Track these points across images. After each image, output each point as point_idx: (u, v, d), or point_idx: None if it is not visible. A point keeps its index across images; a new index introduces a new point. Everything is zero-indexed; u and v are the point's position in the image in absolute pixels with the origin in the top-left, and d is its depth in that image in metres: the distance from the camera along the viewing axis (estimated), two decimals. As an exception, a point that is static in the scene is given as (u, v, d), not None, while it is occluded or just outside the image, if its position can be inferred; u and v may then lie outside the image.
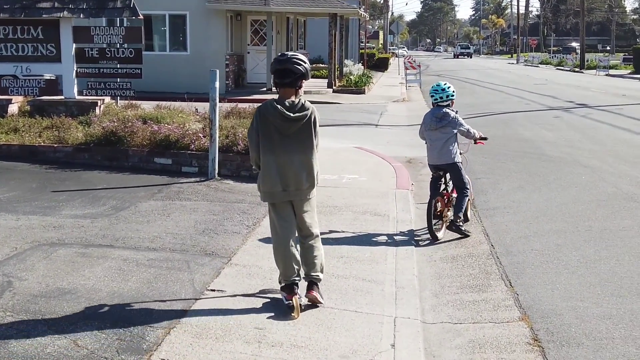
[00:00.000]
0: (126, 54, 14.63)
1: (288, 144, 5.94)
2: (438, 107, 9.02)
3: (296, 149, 5.96)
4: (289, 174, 5.98)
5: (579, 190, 11.41)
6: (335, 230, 8.79)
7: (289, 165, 5.96)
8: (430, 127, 8.96)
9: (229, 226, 8.57)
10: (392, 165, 13.46)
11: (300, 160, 5.99)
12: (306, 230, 6.22)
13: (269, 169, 5.98)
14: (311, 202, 6.21)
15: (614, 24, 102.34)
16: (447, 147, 8.86)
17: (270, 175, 5.98)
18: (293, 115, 5.89)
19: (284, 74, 5.91)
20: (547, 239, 8.72)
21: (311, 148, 6.01)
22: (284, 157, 5.95)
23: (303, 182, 6.02)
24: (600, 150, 15.45)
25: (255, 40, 31.69)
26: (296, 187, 6.02)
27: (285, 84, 5.95)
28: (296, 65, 5.89)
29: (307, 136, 5.99)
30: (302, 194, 6.07)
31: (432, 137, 8.99)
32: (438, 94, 9.03)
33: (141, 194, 10.11)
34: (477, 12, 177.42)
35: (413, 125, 20.47)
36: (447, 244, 8.75)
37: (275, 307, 6.11)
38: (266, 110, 5.95)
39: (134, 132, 12.04)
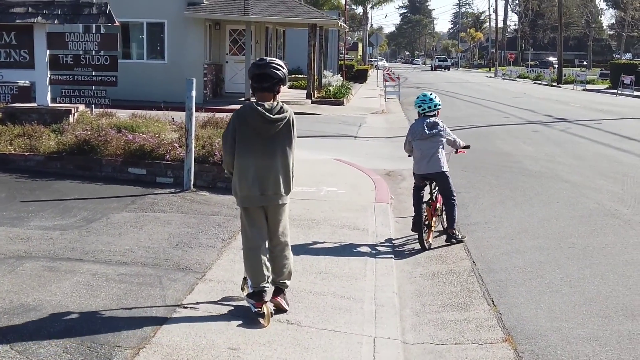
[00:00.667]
0: (101, 61, 14.35)
1: (267, 147, 5.91)
2: (425, 117, 9.09)
3: (276, 152, 5.94)
4: (269, 178, 5.94)
5: (560, 206, 11.26)
6: (314, 244, 8.56)
7: (268, 169, 5.92)
8: (422, 137, 8.96)
9: (204, 240, 8.31)
10: (371, 177, 13.26)
11: (280, 164, 5.96)
12: (277, 238, 6.18)
13: (246, 172, 5.92)
14: (285, 209, 6.16)
15: (591, 40, 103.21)
16: (437, 156, 8.93)
17: (248, 179, 5.92)
18: (273, 117, 5.87)
19: (263, 78, 5.90)
20: (530, 256, 8.53)
21: (290, 151, 6.02)
22: (263, 161, 5.91)
23: (281, 186, 5.98)
24: (581, 165, 15.35)
25: (234, 50, 31.46)
26: (274, 191, 5.97)
27: (263, 88, 5.93)
28: (274, 70, 5.89)
29: (287, 139, 5.99)
30: (280, 199, 6.02)
31: (422, 146, 8.99)
32: (426, 104, 9.11)
33: (114, 205, 9.82)
34: (455, 25, 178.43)
35: (392, 138, 20.37)
36: (428, 259, 8.55)
37: (250, 325, 5.86)
38: (245, 112, 5.92)
39: (108, 141, 11.75)
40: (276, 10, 29.73)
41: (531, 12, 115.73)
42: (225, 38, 31.26)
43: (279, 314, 6.12)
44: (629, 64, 55.96)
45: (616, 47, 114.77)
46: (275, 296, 6.18)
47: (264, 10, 29.34)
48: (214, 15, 28.43)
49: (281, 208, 6.10)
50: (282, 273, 6.20)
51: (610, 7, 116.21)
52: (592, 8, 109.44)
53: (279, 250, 6.19)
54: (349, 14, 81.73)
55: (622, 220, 10.31)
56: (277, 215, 6.10)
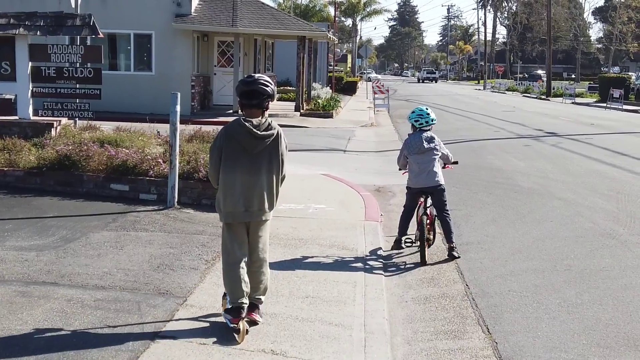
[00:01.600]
0: (85, 74, 13.98)
1: (254, 164, 5.89)
2: (421, 131, 9.17)
3: (262, 169, 5.92)
4: (253, 194, 5.92)
5: (554, 225, 10.98)
6: (301, 266, 8.24)
7: (253, 185, 5.90)
8: (419, 151, 9.03)
9: (187, 261, 7.98)
10: (361, 194, 12.96)
11: (265, 181, 5.95)
12: (257, 254, 6.15)
13: (231, 188, 5.91)
14: (267, 226, 6.16)
15: (579, 53, 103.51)
16: (434, 169, 9.02)
17: (233, 195, 5.91)
18: (260, 133, 5.86)
19: (252, 95, 5.91)
20: (525, 279, 8.23)
21: (277, 169, 6.01)
22: (248, 177, 5.89)
23: (265, 202, 5.97)
24: (573, 181, 15.09)
25: (222, 62, 31.16)
26: (259, 207, 5.96)
27: (252, 105, 5.94)
28: (263, 86, 5.90)
29: (274, 156, 5.97)
30: (263, 215, 6.01)
31: (420, 160, 9.05)
32: (423, 118, 9.21)
33: (94, 223, 9.47)
34: (444, 38, 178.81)
35: (382, 152, 20.11)
36: (419, 282, 8.25)
37: (227, 343, 5.53)
38: (233, 129, 5.91)
39: (90, 156, 11.41)
40: (265, 22, 29.49)
41: (520, 25, 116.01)
42: (214, 50, 30.97)
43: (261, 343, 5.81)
44: (617, 77, 56.00)
45: (604, 60, 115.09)
46: (249, 312, 6.13)
47: (253, 22, 29.10)
48: (202, 26, 28.18)
49: (264, 224, 6.10)
50: (257, 289, 6.21)
51: (599, 20, 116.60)
52: (581, 22, 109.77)
53: (257, 267, 6.16)
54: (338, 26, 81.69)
55: (618, 241, 10.03)
56: (259, 232, 6.10)
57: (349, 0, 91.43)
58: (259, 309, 6.28)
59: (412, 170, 9.15)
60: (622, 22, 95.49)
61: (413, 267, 8.79)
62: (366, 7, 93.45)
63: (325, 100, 34.10)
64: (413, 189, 9.20)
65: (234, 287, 5.98)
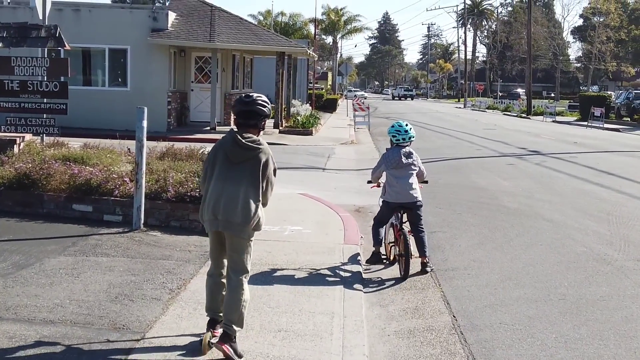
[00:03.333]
0: (50, 88, 13.31)
1: (231, 173, 5.80)
2: (399, 147, 9.12)
3: (237, 180, 5.78)
4: (225, 203, 5.76)
5: (544, 249, 10.36)
6: (275, 294, 7.57)
7: (227, 194, 5.77)
8: (398, 165, 8.99)
9: (149, 290, 7.29)
10: (340, 215, 12.33)
11: (238, 192, 5.77)
12: (229, 271, 5.92)
13: (205, 194, 5.92)
14: (241, 244, 5.86)
15: (559, 72, 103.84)
16: (413, 185, 9.00)
17: (204, 200, 5.91)
18: (244, 142, 5.79)
19: (250, 115, 5.89)
20: (517, 309, 7.60)
21: (254, 185, 5.81)
22: (221, 185, 5.80)
23: (236, 215, 5.74)
24: (561, 202, 14.51)
25: (199, 78, 30.51)
26: (225, 217, 5.76)
27: (249, 125, 5.91)
28: (261, 107, 5.89)
29: (254, 171, 5.82)
30: (233, 229, 5.78)
31: (398, 175, 9.01)
32: (401, 134, 9.13)
33: (51, 247, 8.76)
34: (424, 56, 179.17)
35: (362, 170, 19.49)
36: (402, 312, 7.60)
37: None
38: (222, 139, 5.96)
39: (51, 174, 10.68)
40: (243, 37, 28.89)
41: (499, 44, 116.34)
42: (191, 65, 30.32)
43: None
44: (598, 96, 55.88)
45: (583, 79, 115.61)
46: (221, 342, 5.67)
47: (231, 37, 28.50)
48: (178, 41, 27.55)
49: (235, 240, 5.83)
50: (228, 313, 5.79)
51: (577, 40, 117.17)
52: (560, 41, 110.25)
53: (231, 286, 5.84)
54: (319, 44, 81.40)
55: (614, 267, 9.42)
56: (231, 247, 5.86)
57: (329, 18, 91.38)
58: (233, 342, 5.71)
59: (390, 185, 9.08)
60: (601, 42, 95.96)
61: (395, 295, 8.15)
62: (347, 24, 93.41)
63: (305, 117, 33.52)
64: (392, 204, 9.11)
65: (208, 298, 6.03)
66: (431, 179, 16.65)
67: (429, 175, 9.65)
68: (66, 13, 26.60)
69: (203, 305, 6.83)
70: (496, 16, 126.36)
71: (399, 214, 9.19)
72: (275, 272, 8.47)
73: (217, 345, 5.65)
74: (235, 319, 5.77)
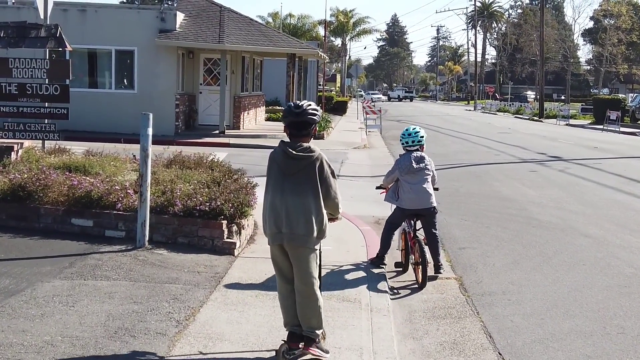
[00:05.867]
0: (51, 91, 12.49)
1: (288, 184, 5.77)
2: (410, 152, 9.01)
3: (295, 191, 5.75)
4: (284, 216, 5.73)
5: (589, 270, 9.44)
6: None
7: (285, 207, 5.74)
8: (410, 170, 8.85)
9: (153, 322, 6.42)
10: (360, 228, 11.48)
11: (298, 203, 5.73)
12: (298, 284, 5.84)
13: (265, 208, 5.87)
14: (308, 255, 5.80)
15: (569, 74, 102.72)
16: (428, 190, 8.85)
17: (265, 215, 5.86)
18: (294, 153, 5.76)
19: (302, 126, 5.87)
20: (571, 346, 6.68)
21: (313, 193, 5.77)
22: (280, 197, 5.77)
23: (299, 226, 5.71)
24: (595, 214, 13.57)
25: (208, 80, 29.65)
26: (290, 229, 5.72)
27: (302, 135, 5.88)
28: (312, 116, 5.87)
29: (310, 179, 5.78)
30: (298, 240, 5.74)
31: (411, 181, 8.86)
32: (405, 138, 9.07)
33: (46, 268, 7.90)
34: (433, 58, 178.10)
35: (378, 177, 18.55)
36: (440, 347, 6.71)
37: None
38: (274, 152, 5.95)
39: (48, 185, 9.81)
40: (253, 38, 28.03)
41: (509, 46, 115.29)
42: (199, 67, 29.48)
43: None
44: (613, 99, 54.86)
45: (593, 82, 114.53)
46: (307, 347, 5.82)
47: (241, 38, 27.65)
48: (187, 43, 26.72)
49: (299, 251, 5.78)
50: (306, 321, 5.85)
51: (588, 42, 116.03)
52: (570, 43, 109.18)
53: (301, 297, 5.83)
54: (327, 46, 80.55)
55: (671, 292, 8.51)
56: (297, 259, 5.80)
57: (338, 20, 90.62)
58: (318, 343, 5.90)
59: (405, 192, 8.94)
60: (612, 44, 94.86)
61: (428, 325, 7.26)
62: (356, 26, 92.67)
63: (316, 120, 32.60)
64: (407, 211, 8.98)
65: (283, 313, 6.02)
66: (451, 187, 15.86)
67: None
68: (72, 13, 25.85)
69: (214, 340, 6.02)
70: (506, 18, 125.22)
71: (412, 222, 9.00)
72: (294, 297, 7.60)
73: (304, 352, 5.80)
74: (314, 324, 5.86)
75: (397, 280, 9.06)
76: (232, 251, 9.21)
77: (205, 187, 10.09)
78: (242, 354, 5.93)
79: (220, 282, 7.92)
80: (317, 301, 5.84)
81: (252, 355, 5.93)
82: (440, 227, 9.51)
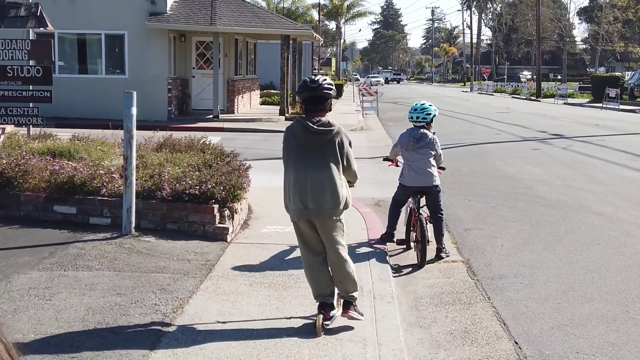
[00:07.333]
0: (32, 73, 11.89)
1: (310, 159, 5.84)
2: (415, 128, 8.77)
3: (318, 165, 5.83)
4: (310, 191, 5.80)
5: (604, 249, 8.89)
6: (290, 315, 6.16)
7: (310, 182, 5.80)
8: (407, 148, 8.69)
9: (137, 316, 5.87)
10: (360, 211, 10.93)
11: (322, 177, 5.81)
12: (331, 254, 5.99)
13: (288, 185, 5.91)
14: (336, 225, 5.95)
15: (565, 54, 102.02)
16: (427, 169, 8.61)
17: (290, 191, 5.88)
18: (316, 128, 5.83)
19: (318, 100, 5.93)
20: (593, 332, 6.14)
21: (336, 166, 5.87)
22: (303, 173, 5.82)
23: (325, 200, 5.80)
24: (605, 191, 13.00)
25: (201, 64, 28.97)
26: (317, 204, 5.81)
27: (318, 110, 5.95)
28: (328, 90, 5.93)
29: (332, 154, 5.87)
30: (324, 213, 5.84)
31: (410, 158, 8.71)
32: (410, 112, 8.86)
33: (25, 258, 7.35)
34: (428, 40, 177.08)
35: (376, 158, 18.02)
36: (450, 337, 6.16)
37: None
38: (292, 127, 5.99)
39: (28, 171, 9.24)
40: (246, 20, 27.35)
41: (505, 26, 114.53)
42: (192, 51, 28.79)
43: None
44: (611, 77, 54.27)
45: (590, 61, 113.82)
46: (345, 311, 6.01)
47: (233, 20, 26.97)
48: (178, 25, 26.05)
49: (328, 223, 5.90)
50: (342, 285, 6.04)
51: (584, 21, 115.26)
52: (566, 22, 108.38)
53: (336, 266, 6.00)
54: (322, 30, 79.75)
55: (695, 272, 7.96)
56: (327, 231, 5.92)
57: (332, 3, 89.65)
58: (355, 306, 6.06)
59: (405, 169, 8.83)
60: (608, 22, 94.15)
61: (436, 312, 6.73)
62: (350, 9, 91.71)
63: (312, 103, 32.00)
64: (408, 188, 8.82)
65: (312, 286, 6.06)
66: (453, 167, 15.27)
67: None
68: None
69: (204, 336, 5.47)
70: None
71: (417, 199, 8.76)
72: (291, 284, 7.07)
73: (343, 316, 5.96)
74: (350, 287, 6.02)
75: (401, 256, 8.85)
76: (225, 237, 8.66)
77: (196, 170, 9.54)
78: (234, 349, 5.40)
79: (212, 270, 7.38)
80: (350, 266, 6.03)
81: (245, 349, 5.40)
82: (444, 207, 9.01)
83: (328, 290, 6.02)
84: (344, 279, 6.01)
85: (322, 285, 6.01)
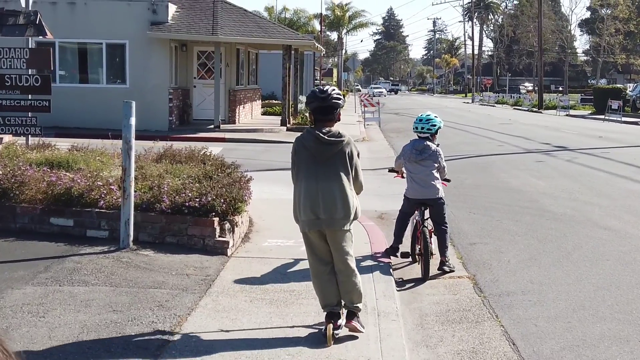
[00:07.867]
0: (31, 82, 11.74)
1: (321, 170, 5.89)
2: (419, 139, 8.69)
3: (328, 176, 5.88)
4: (323, 202, 5.84)
5: (614, 266, 8.67)
6: (292, 332, 5.96)
7: (321, 193, 5.85)
8: (410, 159, 8.63)
9: (133, 334, 5.67)
10: (362, 224, 10.71)
11: (333, 188, 5.87)
12: (339, 264, 6.03)
13: (300, 195, 5.93)
14: (345, 235, 5.99)
15: (567, 65, 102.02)
16: (430, 181, 8.52)
17: (301, 202, 5.90)
18: (327, 139, 5.88)
19: (327, 110, 5.98)
20: (607, 354, 5.92)
21: (346, 177, 5.93)
22: (314, 183, 5.86)
23: (337, 211, 5.86)
24: (611, 205, 12.78)
25: (202, 73, 28.80)
26: (329, 215, 5.86)
27: (327, 120, 5.99)
28: (337, 100, 5.98)
29: (342, 164, 5.94)
30: (335, 224, 5.89)
31: (412, 169, 8.64)
32: (415, 123, 8.78)
33: (19, 273, 7.15)
34: (429, 51, 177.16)
35: (378, 170, 17.84)
36: (458, 357, 5.95)
37: None
38: (303, 138, 6.02)
39: (24, 182, 9.05)
40: (247, 30, 27.23)
41: (506, 37, 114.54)
42: (193, 61, 28.65)
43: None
44: (613, 89, 54.14)
45: (591, 72, 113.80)
46: (348, 321, 6.03)
47: (235, 30, 26.84)
48: (179, 35, 25.93)
49: (339, 233, 5.95)
50: (348, 296, 6.04)
51: (585, 32, 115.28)
52: (567, 33, 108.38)
53: (343, 276, 6.02)
54: (324, 40, 79.75)
55: None
56: (336, 241, 5.96)
57: (334, 14, 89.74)
58: (358, 317, 6.08)
59: (408, 181, 8.78)
60: (610, 34, 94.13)
61: (443, 331, 6.52)
62: (352, 20, 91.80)
63: (313, 114, 31.83)
64: (411, 200, 8.77)
65: (320, 295, 6.10)
66: (456, 179, 15.05)
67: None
68: (60, 6, 25.08)
69: (202, 355, 5.27)
70: (502, 10, 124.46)
71: (421, 211, 8.68)
72: (293, 300, 6.87)
73: (346, 326, 5.98)
74: (355, 298, 6.05)
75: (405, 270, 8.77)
76: (225, 251, 8.46)
77: (196, 181, 9.35)
78: (234, 370, 5.20)
79: (212, 285, 7.18)
80: (356, 277, 6.07)
81: (246, 371, 5.19)
82: (448, 221, 8.83)
83: (335, 300, 6.04)
84: (350, 289, 6.03)
85: (330, 295, 6.03)
